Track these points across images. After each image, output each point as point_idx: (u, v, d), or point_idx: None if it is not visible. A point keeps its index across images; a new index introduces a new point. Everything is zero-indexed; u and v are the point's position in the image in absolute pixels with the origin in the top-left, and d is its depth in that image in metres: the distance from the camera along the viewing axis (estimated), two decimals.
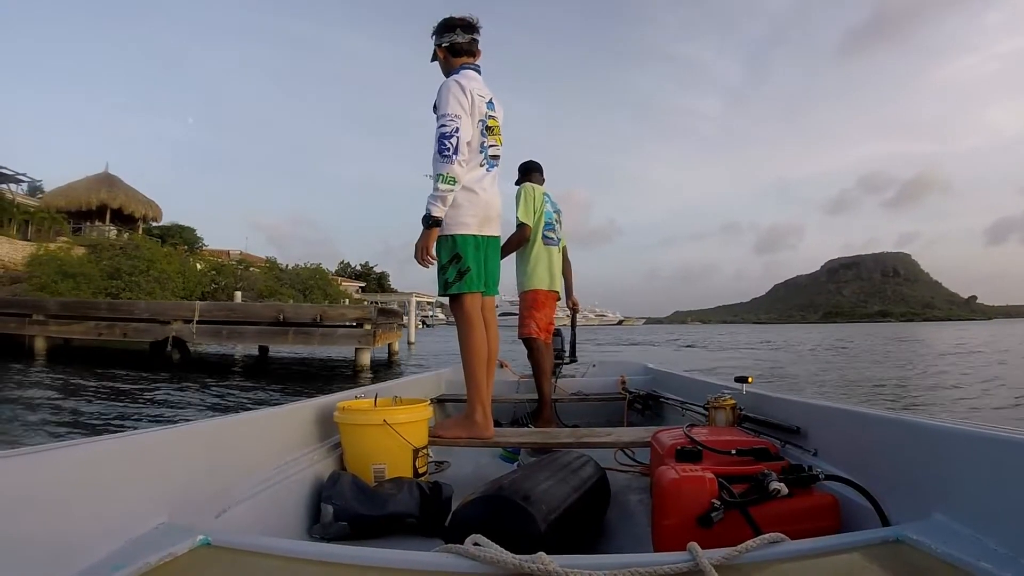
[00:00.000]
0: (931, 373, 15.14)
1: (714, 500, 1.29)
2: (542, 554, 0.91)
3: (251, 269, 35.90)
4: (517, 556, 0.91)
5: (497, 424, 2.64)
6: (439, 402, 3.44)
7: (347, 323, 14.49)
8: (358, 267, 72.33)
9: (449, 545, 0.98)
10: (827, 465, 1.55)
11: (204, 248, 40.82)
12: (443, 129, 2.31)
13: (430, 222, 2.35)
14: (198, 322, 14.66)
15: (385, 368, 15.61)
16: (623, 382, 3.79)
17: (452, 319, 2.61)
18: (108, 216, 32.83)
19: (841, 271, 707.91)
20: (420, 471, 2.15)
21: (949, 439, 1.16)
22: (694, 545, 0.94)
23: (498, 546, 0.95)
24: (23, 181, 31.51)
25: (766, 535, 0.99)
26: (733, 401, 2.18)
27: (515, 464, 2.67)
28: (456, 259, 2.44)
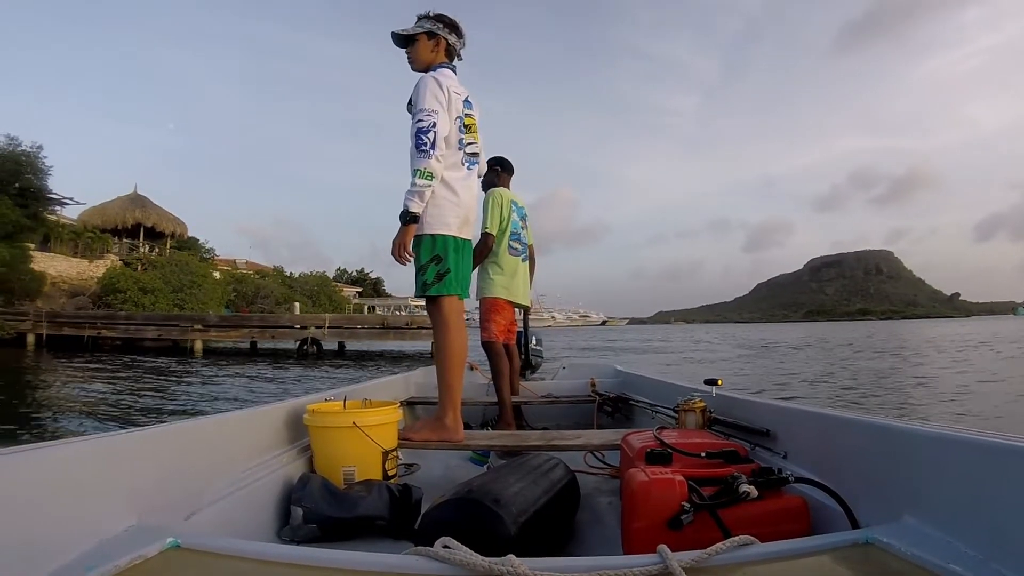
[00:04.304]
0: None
1: (684, 503, 1.30)
2: (512, 556, 0.91)
3: (265, 279, 42.17)
4: (487, 559, 0.90)
5: (467, 427, 2.63)
6: (409, 404, 3.41)
7: (428, 326, 18.90)
8: (354, 273, 75.25)
9: (419, 547, 0.97)
10: (797, 468, 1.57)
11: (216, 258, 44.99)
12: (420, 124, 2.29)
13: (408, 218, 2.32)
14: (328, 327, 22.15)
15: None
16: (593, 384, 3.80)
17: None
18: (142, 233, 37.42)
19: (824, 269, 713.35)
20: (390, 473, 2.13)
21: (919, 442, 1.17)
22: (664, 547, 0.94)
23: (468, 548, 0.94)
24: (68, 204, 34.27)
25: (736, 538, 0.99)
26: (703, 404, 2.20)
27: (485, 467, 2.66)
28: (436, 260, 2.42)
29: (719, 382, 2.29)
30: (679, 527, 1.26)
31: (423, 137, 2.27)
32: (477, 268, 3.54)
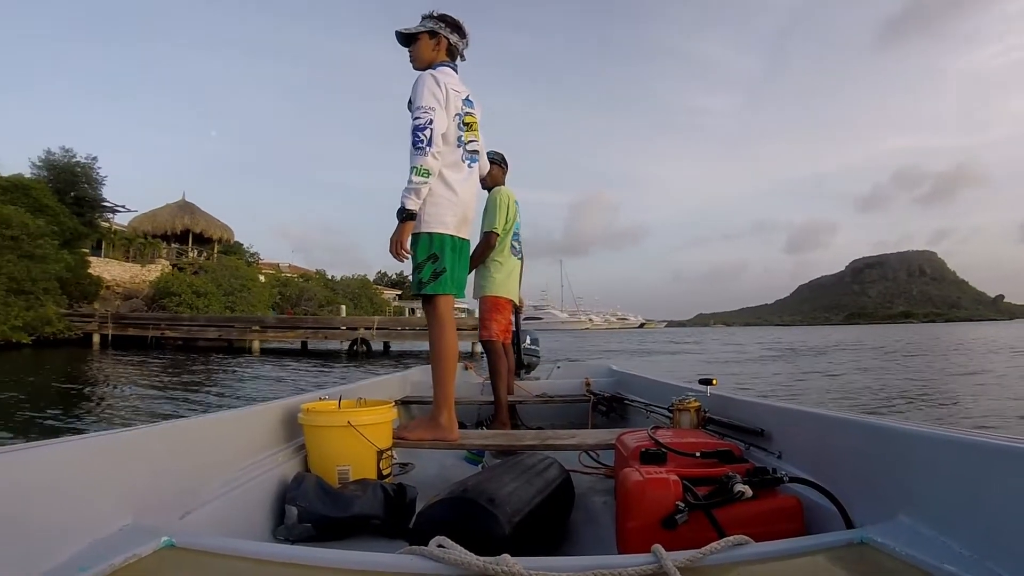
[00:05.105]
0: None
1: (678, 502, 1.30)
2: (506, 556, 0.90)
3: (308, 282, 44.43)
4: (481, 558, 0.90)
5: (461, 426, 2.63)
6: (404, 404, 3.41)
7: (467, 328, 20.01)
8: (394, 276, 77.98)
9: (413, 547, 0.97)
10: (791, 468, 1.57)
11: (260, 262, 46.81)
12: (417, 121, 2.30)
13: (404, 215, 2.33)
14: (376, 328, 23.85)
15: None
16: (588, 384, 3.80)
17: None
18: (191, 239, 39.24)
19: (866, 271, 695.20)
20: (384, 473, 2.13)
21: (913, 442, 1.17)
22: (658, 547, 0.94)
23: (462, 548, 0.94)
24: (120, 211, 36.88)
25: (730, 537, 0.99)
26: (698, 403, 2.20)
27: (479, 466, 2.66)
28: (433, 258, 2.42)
29: (714, 381, 2.29)
30: (673, 527, 1.26)
31: (419, 134, 2.28)
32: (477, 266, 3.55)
